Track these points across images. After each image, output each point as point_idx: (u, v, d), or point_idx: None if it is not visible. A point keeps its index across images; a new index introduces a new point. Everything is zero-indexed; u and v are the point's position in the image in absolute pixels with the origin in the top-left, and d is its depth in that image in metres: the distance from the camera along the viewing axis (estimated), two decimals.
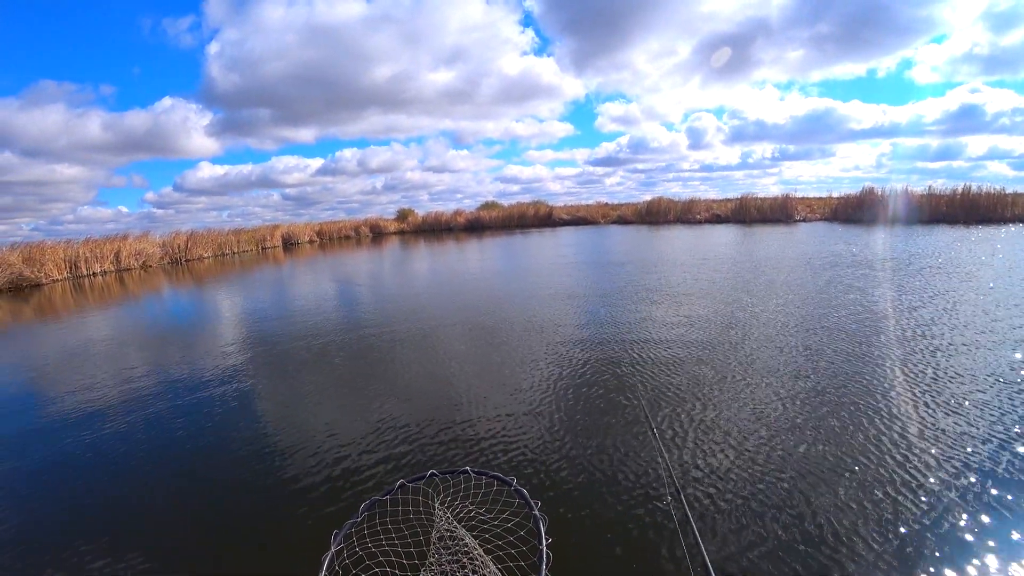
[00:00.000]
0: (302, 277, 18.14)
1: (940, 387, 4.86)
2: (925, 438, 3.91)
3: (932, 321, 7.10)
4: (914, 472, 3.47)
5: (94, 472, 4.19)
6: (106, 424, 5.10)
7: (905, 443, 3.86)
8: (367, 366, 6.50)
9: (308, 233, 39.84)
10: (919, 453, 3.71)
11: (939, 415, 4.28)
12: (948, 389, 4.79)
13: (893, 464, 3.58)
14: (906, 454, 3.70)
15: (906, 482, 3.35)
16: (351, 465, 3.97)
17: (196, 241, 28.93)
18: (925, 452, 3.72)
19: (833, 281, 10.58)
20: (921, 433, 4.00)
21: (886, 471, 3.50)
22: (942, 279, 10.22)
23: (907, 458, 3.65)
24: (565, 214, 44.30)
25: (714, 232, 27.50)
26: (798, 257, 14.94)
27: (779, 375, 5.35)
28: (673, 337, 6.89)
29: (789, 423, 4.26)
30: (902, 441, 3.89)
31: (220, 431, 4.83)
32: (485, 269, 16.64)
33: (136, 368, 7.04)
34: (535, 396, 5.15)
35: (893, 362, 5.60)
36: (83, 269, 22.13)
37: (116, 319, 11.69)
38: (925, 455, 3.68)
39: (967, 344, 6.05)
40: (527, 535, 2.26)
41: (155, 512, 3.58)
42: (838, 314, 7.73)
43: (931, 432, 4.01)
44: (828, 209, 34.89)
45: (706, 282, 11.18)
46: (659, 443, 3.37)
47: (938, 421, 4.17)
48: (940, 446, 3.79)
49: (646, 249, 20.63)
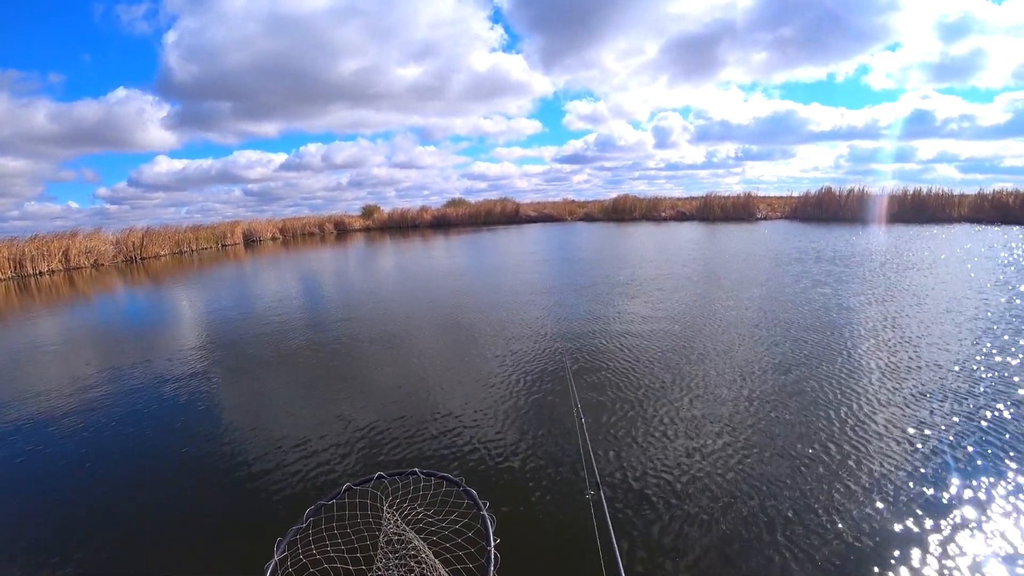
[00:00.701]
0: (263, 275, 17.68)
1: (898, 379, 5.12)
2: (869, 430, 4.12)
3: (896, 313, 7.55)
4: (852, 470, 3.63)
5: (41, 479, 4.04)
6: (52, 430, 4.90)
7: (846, 436, 4.04)
8: (325, 367, 6.41)
9: (271, 230, 38.80)
10: (859, 446, 3.90)
11: (887, 406, 4.50)
12: (907, 381, 5.05)
13: (833, 461, 3.74)
14: (846, 448, 3.88)
15: (843, 484, 3.48)
16: (298, 468, 3.92)
17: (152, 238, 27.79)
18: (867, 443, 3.91)
19: (800, 276, 11.06)
20: (866, 425, 4.20)
21: (829, 466, 3.65)
22: (901, 274, 10.73)
23: (846, 453, 3.82)
24: (532, 211, 44.43)
25: (680, 229, 28.05)
26: (764, 253, 15.42)
27: (738, 370, 5.51)
28: (636, 331, 7.02)
29: (738, 421, 4.40)
30: (843, 435, 4.07)
31: (163, 433, 4.72)
32: (451, 267, 16.55)
33: (86, 372, 6.75)
34: (491, 394, 5.18)
35: (847, 355, 5.85)
36: (29, 268, 21.03)
37: (65, 321, 11.16)
38: (866, 447, 3.87)
39: (927, 336, 6.37)
40: (476, 536, 2.27)
41: (91, 516, 3.46)
42: (804, 308, 8.05)
43: (878, 424, 4.21)
44: (788, 208, 36.05)
45: (678, 278, 11.41)
46: (584, 438, 3.43)
47: (883, 412, 4.39)
48: (880, 437, 4.00)
49: (613, 246, 20.91)
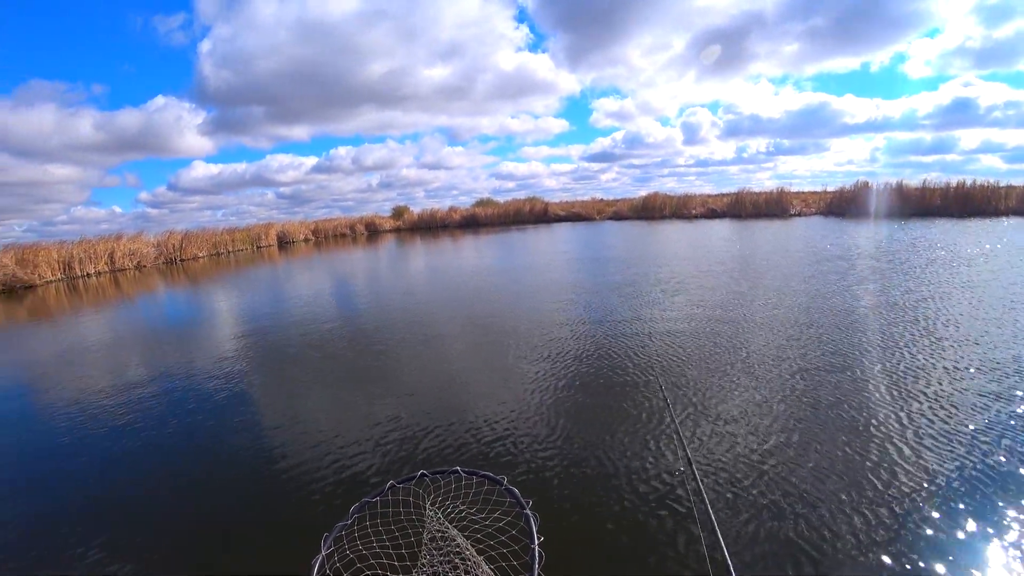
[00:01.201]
0: (298, 276, 18.06)
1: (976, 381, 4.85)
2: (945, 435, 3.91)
3: (953, 311, 7.21)
4: (937, 472, 3.43)
5: (89, 473, 4.17)
6: (101, 426, 5.07)
7: (923, 443, 3.82)
8: (363, 366, 6.47)
9: (303, 232, 39.68)
10: (941, 453, 3.69)
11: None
12: (975, 380, 4.80)
13: (917, 463, 3.54)
14: (926, 454, 3.66)
15: (928, 483, 3.29)
16: (343, 466, 3.95)
17: (191, 241, 28.77)
18: (946, 450, 3.71)
19: (845, 273, 10.65)
20: (942, 430, 3.99)
21: (909, 470, 3.48)
22: (954, 270, 10.25)
23: (926, 459, 3.60)
24: (560, 210, 44.23)
25: (712, 227, 27.48)
26: (802, 250, 14.96)
27: (788, 371, 5.34)
28: (678, 331, 6.88)
29: (795, 417, 4.25)
30: (920, 440, 3.85)
31: (213, 432, 4.81)
32: (483, 267, 16.58)
33: (131, 369, 7.00)
34: (530, 394, 5.13)
35: (915, 356, 5.59)
36: (77, 270, 21.99)
37: (111, 320, 11.61)
38: (947, 453, 3.67)
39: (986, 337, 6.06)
40: (519, 534, 2.23)
41: (146, 514, 3.56)
42: (853, 306, 7.74)
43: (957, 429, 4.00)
44: (823, 203, 34.88)
45: (718, 275, 11.18)
46: (678, 433, 3.39)
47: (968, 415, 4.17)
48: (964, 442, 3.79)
49: (646, 245, 20.60)
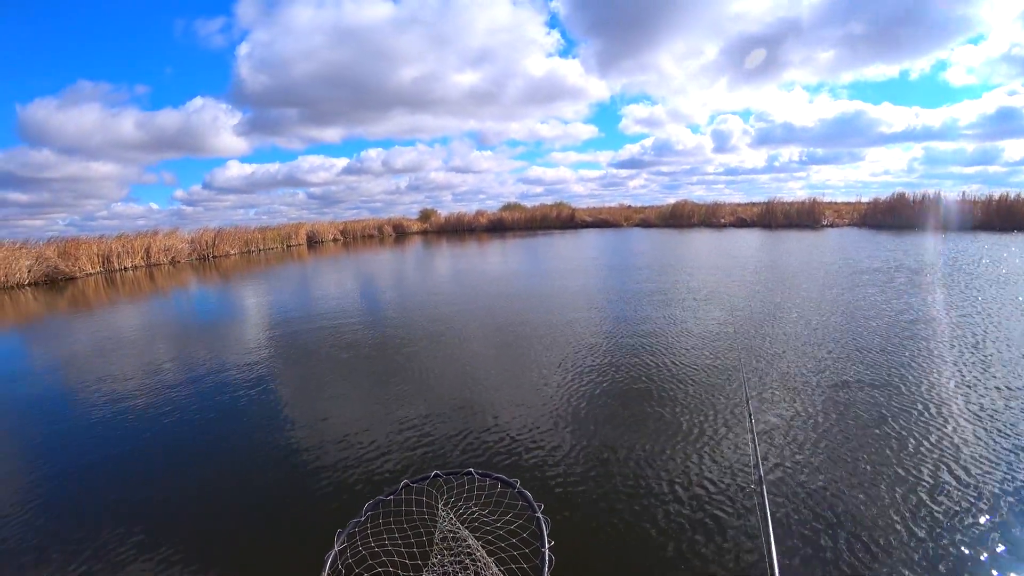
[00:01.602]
0: (326, 275, 18.38)
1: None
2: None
3: (1000, 330, 6.83)
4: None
5: (122, 463, 4.28)
6: (128, 417, 5.21)
7: (997, 463, 3.62)
8: (386, 365, 6.50)
9: (332, 232, 40.45)
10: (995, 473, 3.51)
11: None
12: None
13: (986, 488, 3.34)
14: (996, 477, 3.46)
15: (1001, 511, 3.08)
16: (360, 464, 3.96)
17: (223, 238, 29.61)
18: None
19: (884, 287, 10.23)
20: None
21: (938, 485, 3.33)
22: (1002, 288, 9.81)
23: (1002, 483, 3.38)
24: (587, 216, 44.07)
25: (741, 236, 26.93)
26: (838, 262, 14.50)
27: (829, 385, 5.17)
28: (710, 341, 6.75)
29: (833, 435, 4.11)
30: (990, 462, 3.64)
31: (235, 426, 4.88)
32: (508, 271, 16.60)
33: (160, 362, 7.20)
34: (549, 398, 5.08)
35: (976, 372, 5.36)
36: (115, 264, 22.84)
37: (145, 313, 12.00)
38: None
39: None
40: (530, 537, 2.20)
41: (165, 506, 3.61)
42: (896, 322, 7.45)
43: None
44: (857, 214, 33.84)
45: (751, 285, 10.95)
46: (753, 432, 3.34)
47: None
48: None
49: (675, 253, 20.29)
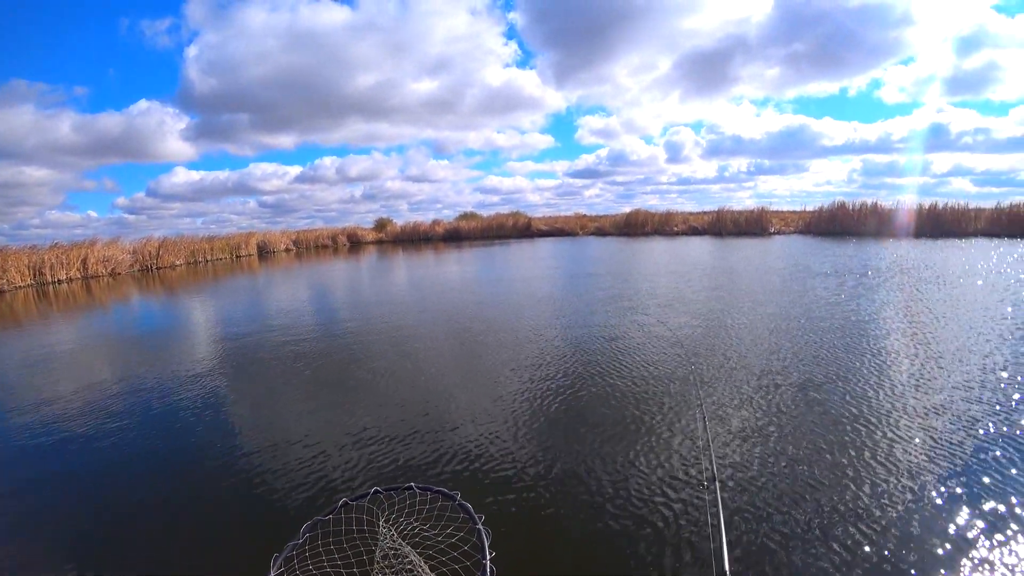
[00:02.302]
0: (277, 286, 17.86)
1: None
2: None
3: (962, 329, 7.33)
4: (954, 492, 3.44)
5: (43, 484, 4.05)
6: (57, 436, 4.92)
7: (938, 455, 3.87)
8: (335, 379, 6.41)
9: (284, 241, 39.31)
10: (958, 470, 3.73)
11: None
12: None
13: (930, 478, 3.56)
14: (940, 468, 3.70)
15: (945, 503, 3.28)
16: (300, 482, 3.85)
17: (168, 248, 28.30)
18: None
19: (837, 290, 10.76)
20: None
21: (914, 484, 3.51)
22: (947, 289, 10.54)
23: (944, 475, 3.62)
24: (544, 225, 44.57)
25: (694, 243, 27.92)
26: (786, 267, 15.21)
27: (779, 384, 5.42)
28: (657, 346, 6.95)
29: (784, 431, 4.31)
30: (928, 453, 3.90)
31: (169, 445, 4.70)
32: (464, 280, 16.59)
33: (96, 379, 6.83)
34: (494, 409, 5.11)
35: (912, 368, 5.71)
36: (48, 276, 21.48)
37: (81, 328, 11.35)
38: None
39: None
40: (471, 550, 2.25)
41: (83, 530, 3.45)
42: (845, 323, 7.88)
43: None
44: (801, 222, 35.88)
45: (710, 290, 11.32)
46: (706, 434, 3.43)
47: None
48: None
49: (630, 260, 20.77)
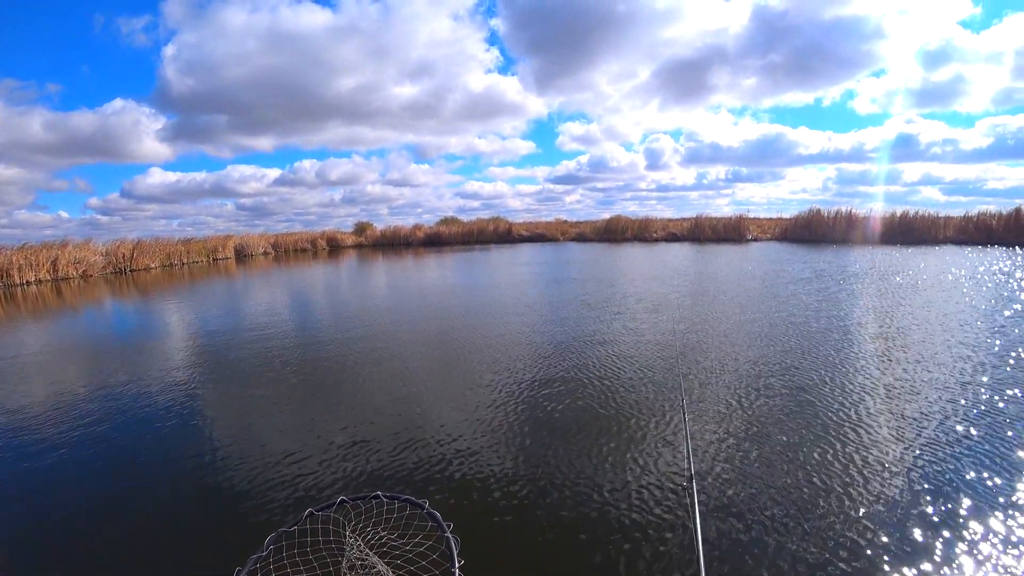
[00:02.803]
0: (254, 290, 17.59)
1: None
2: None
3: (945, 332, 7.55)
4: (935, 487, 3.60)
5: (12, 494, 3.96)
6: (25, 445, 4.81)
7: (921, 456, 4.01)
8: (307, 385, 6.36)
9: (263, 245, 38.77)
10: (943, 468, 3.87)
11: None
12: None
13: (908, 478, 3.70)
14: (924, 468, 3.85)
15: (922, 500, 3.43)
16: (262, 493, 3.75)
17: (142, 250, 27.69)
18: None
19: (819, 292, 11.04)
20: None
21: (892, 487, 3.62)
22: (921, 294, 10.83)
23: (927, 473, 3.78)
24: (524, 230, 44.73)
25: (672, 250, 28.35)
26: (767, 273, 15.51)
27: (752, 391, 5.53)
28: (642, 351, 7.04)
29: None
30: (914, 454, 4.04)
31: (133, 454, 4.60)
32: (444, 285, 16.56)
33: (65, 385, 6.69)
34: (465, 416, 5.13)
35: (889, 372, 5.88)
36: (16, 277, 20.85)
37: (49, 332, 11.05)
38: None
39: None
40: (440, 558, 2.27)
41: (46, 540, 3.37)
42: (827, 326, 8.08)
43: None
44: (778, 229, 36.73)
45: (693, 298, 11.46)
46: (687, 427, 3.63)
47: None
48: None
49: (611, 266, 20.93)
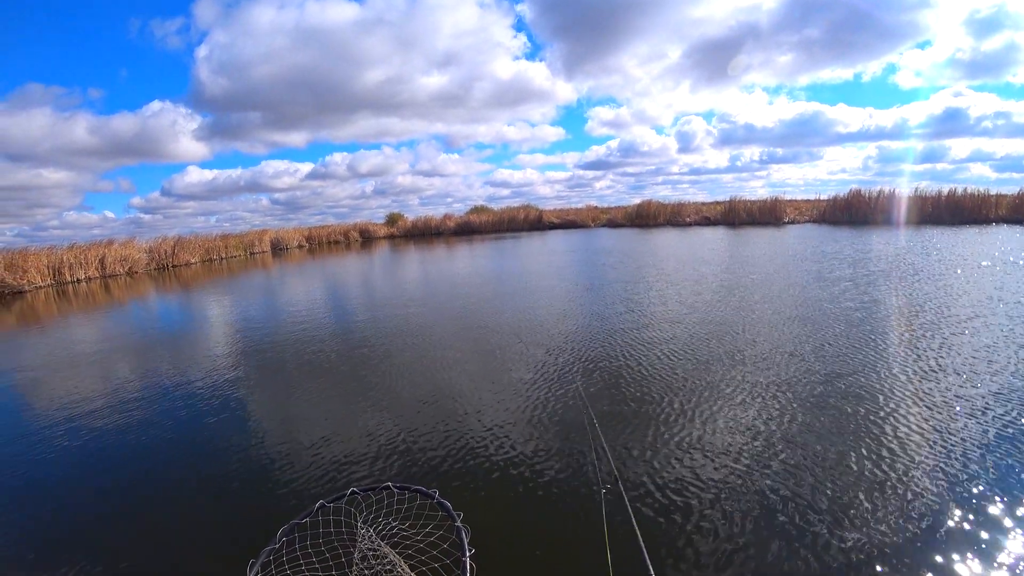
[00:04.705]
0: (290, 283, 18.03)
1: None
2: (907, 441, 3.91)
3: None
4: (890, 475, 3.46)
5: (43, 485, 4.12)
6: (79, 432, 5.01)
7: (887, 446, 3.85)
8: (342, 376, 6.42)
9: (297, 238, 39.73)
10: (903, 457, 3.70)
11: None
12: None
13: (871, 466, 3.57)
14: (887, 457, 3.70)
15: (875, 491, 3.30)
16: (280, 484, 3.79)
17: (183, 246, 28.76)
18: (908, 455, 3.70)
19: (861, 279, 10.57)
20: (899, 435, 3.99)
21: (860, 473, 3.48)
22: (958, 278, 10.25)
23: (887, 462, 3.63)
24: (555, 218, 44.36)
25: (706, 234, 27.58)
26: (810, 257, 14.91)
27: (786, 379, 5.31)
28: (687, 344, 6.86)
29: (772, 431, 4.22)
30: (884, 444, 3.88)
31: (164, 446, 4.69)
32: (475, 275, 16.56)
33: (114, 377, 6.97)
34: (481, 407, 5.07)
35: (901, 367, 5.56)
36: (67, 276, 21.94)
37: (101, 326, 11.57)
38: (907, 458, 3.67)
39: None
40: (451, 547, 2.22)
41: (64, 526, 3.49)
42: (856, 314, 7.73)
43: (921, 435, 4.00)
44: (816, 211, 35.21)
45: (745, 282, 11.16)
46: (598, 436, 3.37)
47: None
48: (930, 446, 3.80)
49: (644, 251, 20.48)
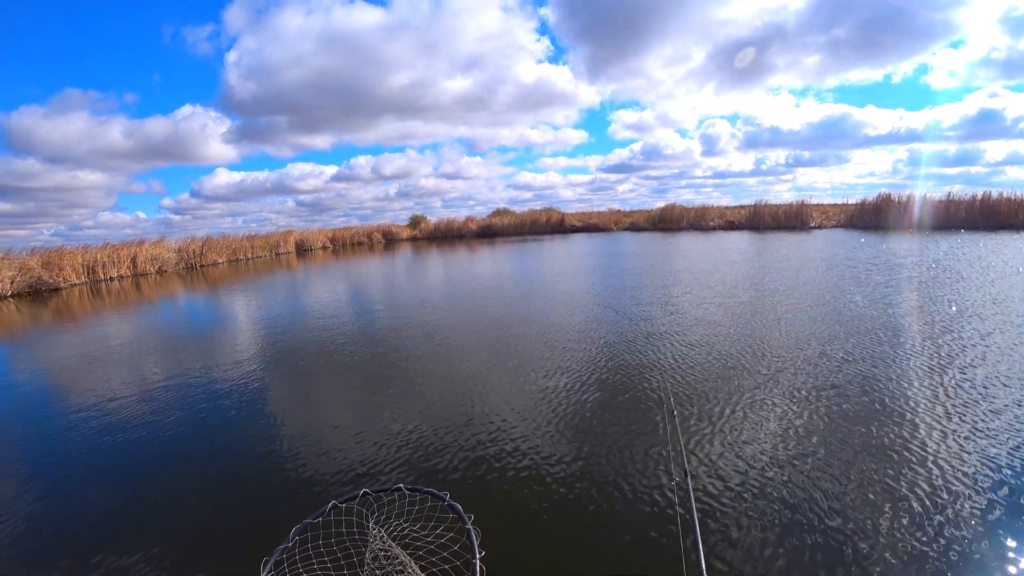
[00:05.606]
0: (314, 283, 18.30)
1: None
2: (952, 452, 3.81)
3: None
4: (945, 489, 3.35)
5: (92, 476, 4.25)
6: (104, 426, 5.17)
7: (931, 457, 3.75)
8: (361, 377, 6.48)
9: (321, 239, 40.36)
10: (948, 469, 3.59)
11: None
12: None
13: (918, 481, 3.46)
14: (932, 469, 3.59)
15: (931, 501, 3.22)
16: (297, 483, 3.85)
17: (211, 247, 29.50)
18: (952, 467, 3.61)
19: (896, 287, 10.30)
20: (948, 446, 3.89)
21: (910, 488, 3.39)
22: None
23: (933, 474, 3.53)
24: (577, 221, 44.19)
25: (730, 238, 27.01)
26: (842, 263, 14.55)
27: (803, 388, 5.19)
28: (700, 357, 6.77)
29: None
30: (926, 456, 3.77)
31: (178, 444, 4.80)
32: (497, 277, 16.58)
33: (143, 373, 7.17)
34: (494, 411, 5.04)
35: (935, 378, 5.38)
36: (100, 274, 22.69)
37: (134, 323, 11.90)
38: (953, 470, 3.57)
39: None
40: (461, 549, 2.22)
41: (77, 524, 3.56)
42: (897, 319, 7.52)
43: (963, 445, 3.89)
44: (844, 216, 34.21)
45: (766, 286, 10.99)
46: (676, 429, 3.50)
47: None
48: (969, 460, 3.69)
49: (668, 256, 20.16)
